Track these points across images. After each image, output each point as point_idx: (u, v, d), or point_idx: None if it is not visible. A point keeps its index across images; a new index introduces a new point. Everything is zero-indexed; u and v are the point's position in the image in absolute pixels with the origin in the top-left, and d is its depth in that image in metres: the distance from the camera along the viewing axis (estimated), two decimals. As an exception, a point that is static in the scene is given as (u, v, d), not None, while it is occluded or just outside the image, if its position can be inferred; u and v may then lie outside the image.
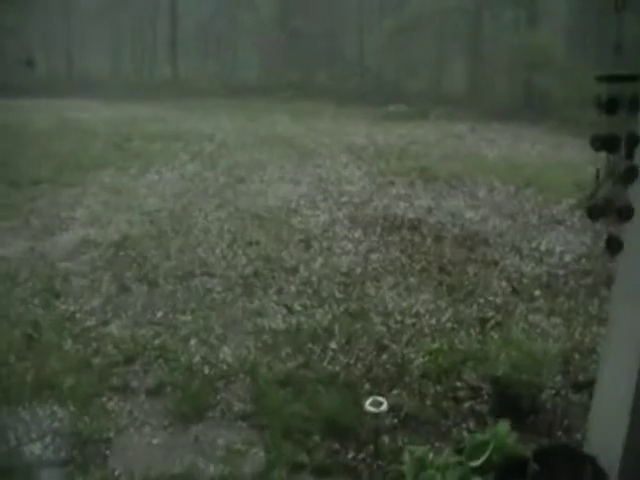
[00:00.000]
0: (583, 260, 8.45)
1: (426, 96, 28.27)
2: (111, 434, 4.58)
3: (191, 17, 41.63)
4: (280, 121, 22.77)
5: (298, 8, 37.83)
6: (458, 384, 5.24)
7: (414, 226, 9.98)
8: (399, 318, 6.63)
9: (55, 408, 4.82)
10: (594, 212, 3.07)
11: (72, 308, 6.76)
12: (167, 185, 12.53)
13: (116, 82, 36.52)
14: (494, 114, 24.76)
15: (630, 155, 2.98)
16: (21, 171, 12.99)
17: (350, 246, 9.01)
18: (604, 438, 3.37)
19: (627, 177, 3.00)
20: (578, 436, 4.39)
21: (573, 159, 14.98)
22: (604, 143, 2.98)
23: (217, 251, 8.69)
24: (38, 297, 7.02)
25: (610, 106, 2.96)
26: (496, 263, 8.38)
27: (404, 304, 6.99)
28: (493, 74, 30.80)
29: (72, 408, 4.83)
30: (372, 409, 3.89)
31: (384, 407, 3.91)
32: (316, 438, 4.50)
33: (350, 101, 29.63)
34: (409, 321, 6.57)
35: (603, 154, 2.96)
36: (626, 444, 3.15)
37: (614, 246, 3.16)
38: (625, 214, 3.08)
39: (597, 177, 3.03)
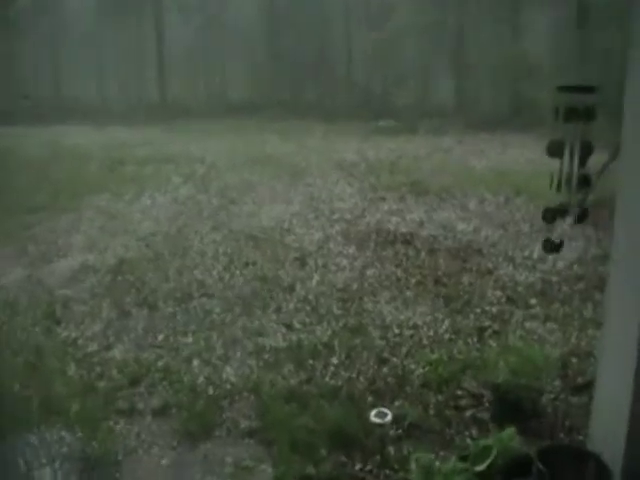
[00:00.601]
0: (575, 266, 8.57)
1: (414, 110, 28.46)
2: (120, 456, 4.65)
3: (178, 39, 41.77)
4: (270, 140, 22.90)
5: (285, 26, 38.10)
6: (459, 392, 5.33)
7: (407, 240, 10.08)
8: (397, 331, 6.72)
9: (63, 433, 4.87)
10: (547, 216, 3.25)
11: (74, 334, 6.82)
12: (161, 209, 12.62)
13: (105, 107, 36.65)
14: (481, 125, 24.97)
15: (583, 163, 3.13)
16: (16, 198, 13.06)
17: (345, 262, 9.10)
18: (606, 435, 3.47)
19: (581, 183, 3.16)
20: (580, 437, 4.49)
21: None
22: (559, 148, 3.13)
23: (214, 272, 8.77)
24: (39, 324, 7.08)
25: (567, 115, 3.10)
26: (490, 273, 8.49)
27: (402, 317, 7.08)
28: (479, 86, 31.08)
29: (80, 433, 4.88)
30: (377, 420, 3.97)
31: (389, 418, 4.00)
32: (322, 451, 4.57)
33: (339, 117, 29.80)
34: (407, 333, 6.65)
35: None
36: (628, 440, 3.25)
37: (547, 247, 3.37)
38: (580, 217, 3.25)
39: (550, 183, 3.19)
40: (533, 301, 7.41)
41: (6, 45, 24.69)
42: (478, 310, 7.19)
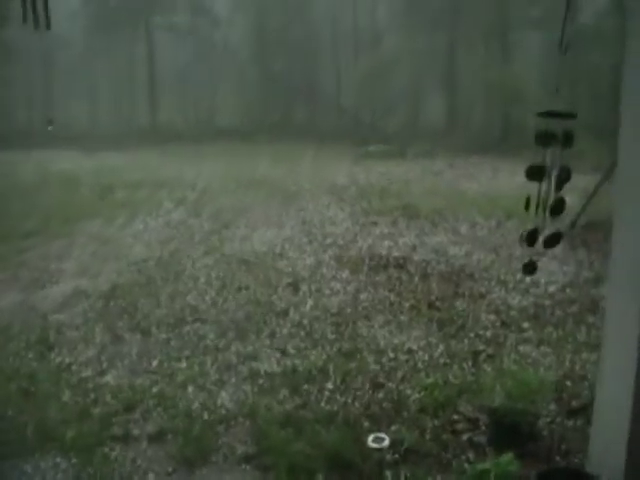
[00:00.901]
0: (568, 289, 8.62)
1: (404, 134, 28.69)
2: (116, 483, 4.62)
3: (169, 63, 42.00)
4: (261, 164, 22.97)
5: (275, 50, 38.38)
6: (455, 417, 5.33)
7: (400, 264, 10.12)
8: (392, 355, 6.72)
9: (58, 459, 4.85)
10: (523, 239, 3.32)
11: (67, 359, 6.79)
12: (153, 233, 12.63)
13: (96, 132, 36.70)
14: (472, 149, 25.16)
15: (559, 187, 3.20)
16: (8, 224, 13.05)
17: (338, 287, 9.12)
18: (605, 457, 3.48)
19: (556, 208, 3.23)
20: (576, 460, 4.49)
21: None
22: (536, 173, 3.20)
23: (207, 297, 8.76)
24: (32, 350, 7.04)
25: (546, 140, 3.17)
26: (483, 297, 8.53)
27: (396, 341, 7.09)
28: (469, 110, 31.35)
29: (75, 459, 4.86)
30: (375, 445, 3.97)
31: (386, 443, 4.00)
32: (320, 476, 4.55)
33: (329, 141, 29.95)
34: (402, 358, 6.66)
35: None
36: (627, 461, 3.26)
37: (528, 269, 3.43)
38: (553, 241, 3.32)
39: (525, 206, 3.25)
40: (526, 325, 7.44)
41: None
42: (472, 334, 7.21)
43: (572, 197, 3.39)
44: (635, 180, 3.32)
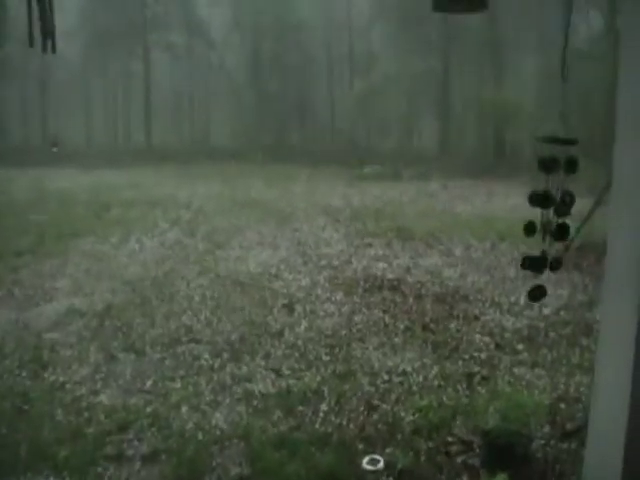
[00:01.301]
0: (562, 312, 8.64)
1: (398, 156, 28.85)
2: (109, 503, 4.60)
3: (164, 83, 42.24)
4: (255, 185, 23.08)
5: (270, 72, 38.63)
6: (449, 439, 5.33)
7: (394, 286, 10.14)
8: (386, 377, 6.72)
9: (51, 479, 4.83)
10: (526, 263, 3.34)
11: (61, 378, 6.76)
12: (148, 253, 12.65)
13: (91, 150, 36.87)
14: (466, 171, 25.32)
15: (563, 213, 3.22)
16: (2, 242, 13.06)
17: (333, 308, 9.13)
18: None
19: (558, 233, 3.25)
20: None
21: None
22: (540, 199, 3.23)
23: (202, 317, 8.75)
24: (26, 368, 7.01)
25: (549, 166, 3.21)
26: (477, 318, 8.55)
27: (390, 363, 7.09)
28: (463, 132, 31.56)
29: (68, 479, 4.84)
30: (370, 467, 3.97)
31: (381, 465, 4.00)
32: (314, 499, 4.55)
33: (323, 163, 30.12)
34: (397, 380, 6.66)
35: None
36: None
37: (536, 294, 3.45)
38: (555, 266, 3.34)
39: (529, 231, 3.27)
40: (521, 347, 7.46)
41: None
42: (466, 356, 7.22)
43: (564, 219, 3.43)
44: (629, 201, 3.35)
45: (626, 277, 3.34)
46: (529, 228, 3.33)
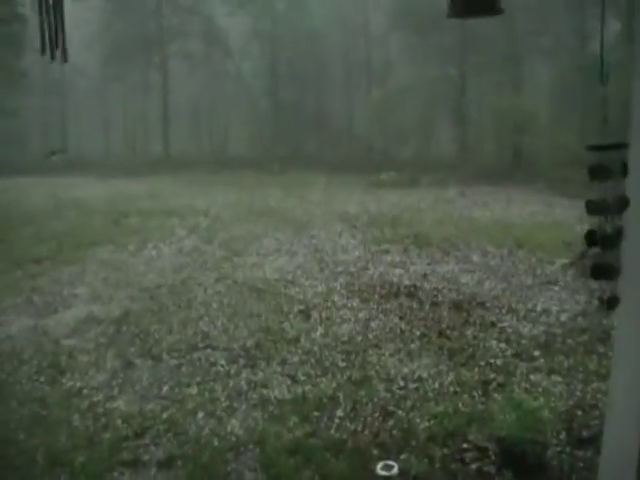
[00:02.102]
0: (579, 318, 8.59)
1: (416, 163, 28.81)
2: (125, 508, 4.63)
3: (182, 93, 42.46)
4: (273, 194, 23.13)
5: (287, 80, 38.75)
6: (465, 446, 5.31)
7: (411, 292, 10.13)
8: (402, 384, 6.72)
9: (68, 485, 4.88)
10: (596, 272, 3.27)
11: (78, 384, 6.83)
12: (165, 260, 12.72)
13: (109, 159, 37.16)
14: (483, 178, 25.24)
15: (619, 217, 3.18)
16: (22, 249, 13.23)
17: (349, 314, 9.13)
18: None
19: (616, 238, 3.21)
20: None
21: (563, 219, 15.35)
22: (597, 207, 3.19)
23: (218, 324, 8.79)
24: (44, 374, 7.09)
25: (602, 173, 3.17)
26: (494, 325, 8.51)
27: (406, 370, 7.08)
28: (481, 139, 31.49)
29: (84, 484, 4.89)
30: (384, 473, 3.97)
31: (395, 470, 4.00)
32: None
33: (341, 170, 30.16)
34: (412, 386, 6.66)
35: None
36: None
37: (612, 303, 3.38)
38: (614, 273, 3.29)
39: (591, 239, 3.23)
40: (537, 353, 7.41)
41: (13, 98, 25.16)
42: (482, 363, 7.19)
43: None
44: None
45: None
46: (590, 237, 3.27)
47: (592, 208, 3.21)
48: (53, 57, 2.97)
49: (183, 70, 41.70)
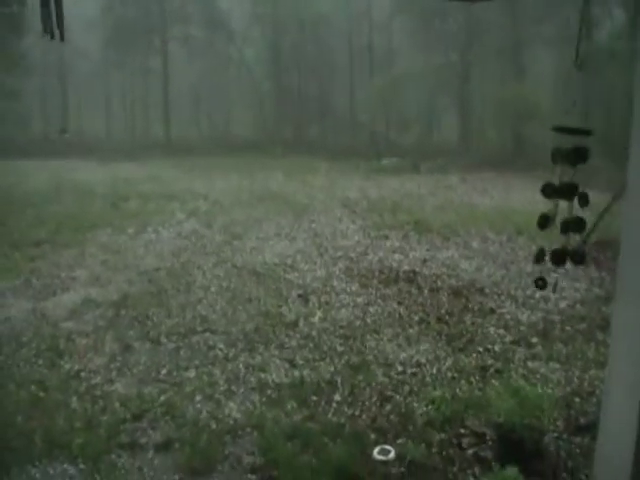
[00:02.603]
0: (578, 306, 8.59)
1: (417, 149, 28.74)
2: (122, 491, 4.64)
3: (183, 76, 42.25)
4: (274, 178, 23.11)
5: (289, 65, 38.58)
6: (462, 431, 5.32)
7: (410, 278, 10.12)
8: (400, 369, 6.72)
9: (66, 466, 4.88)
10: (555, 258, 3.27)
11: (77, 367, 6.82)
12: (165, 244, 12.70)
13: (110, 142, 37.02)
14: (485, 164, 25.21)
15: (583, 205, 3.16)
16: (21, 232, 13.20)
17: (348, 299, 9.13)
18: (610, 476, 3.45)
19: (577, 226, 3.20)
20: (582, 477, 4.48)
21: (564, 206, 15.30)
22: (556, 191, 3.18)
23: (217, 308, 8.79)
24: (42, 357, 7.08)
25: (562, 156, 3.15)
26: (493, 311, 8.51)
27: (404, 355, 7.08)
28: (482, 126, 31.39)
29: (82, 466, 4.88)
30: (380, 457, 3.97)
31: (392, 455, 4.00)
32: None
33: (342, 156, 30.10)
34: (410, 371, 6.66)
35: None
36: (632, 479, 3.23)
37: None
38: (579, 260, 3.29)
39: (543, 223, 3.23)
40: (535, 340, 7.41)
41: (15, 80, 25.08)
42: (481, 349, 7.20)
43: (584, 214, 3.39)
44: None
45: (639, 273, 3.31)
46: (543, 221, 3.29)
47: (548, 192, 3.21)
48: (53, 36, 2.97)
49: (184, 54, 41.46)
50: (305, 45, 37.42)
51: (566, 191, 3.22)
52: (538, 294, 8.97)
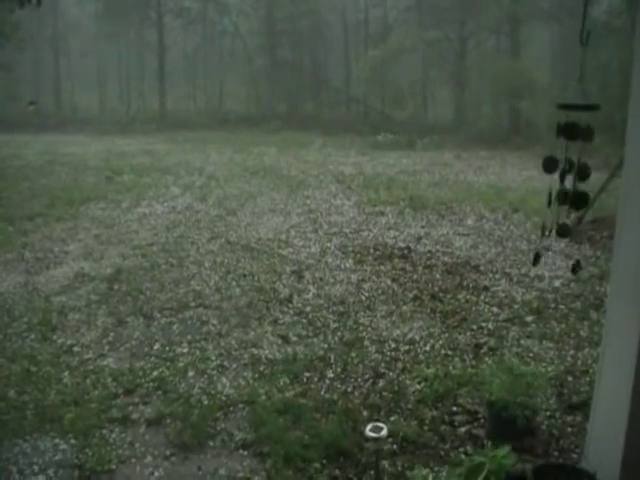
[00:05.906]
0: (572, 284, 8.57)
1: (413, 125, 28.60)
2: (113, 465, 4.61)
3: (177, 50, 41.88)
4: (268, 152, 23.03)
5: (284, 39, 38.28)
6: (454, 409, 5.32)
7: (404, 255, 10.10)
8: (394, 346, 6.71)
9: (57, 441, 4.86)
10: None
11: (69, 342, 6.80)
12: (158, 218, 12.64)
13: (104, 116, 36.77)
14: (480, 141, 25.15)
15: (583, 179, 3.11)
16: (14, 206, 13.13)
17: (342, 276, 9.10)
18: (602, 454, 3.46)
19: (578, 201, 3.14)
20: (574, 456, 4.48)
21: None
22: (553, 166, 3.12)
23: (211, 283, 8.76)
24: (34, 331, 7.06)
25: (568, 132, 3.09)
26: (487, 289, 8.49)
27: (398, 332, 7.07)
28: (478, 102, 31.25)
29: (73, 440, 4.87)
30: (373, 434, 3.95)
31: (384, 432, 3.98)
32: (317, 465, 4.55)
33: (337, 131, 30.00)
34: (404, 348, 6.65)
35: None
36: (624, 460, 3.24)
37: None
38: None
39: (549, 200, 3.17)
40: (529, 319, 7.41)
41: (6, 51, 24.79)
42: (474, 326, 7.19)
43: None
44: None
45: (635, 252, 3.29)
46: (548, 164, 3.19)
47: (548, 165, 3.16)
48: (39, 3, 2.93)
49: (179, 27, 41.03)
50: (300, 18, 37.02)
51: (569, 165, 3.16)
52: (533, 272, 8.96)
